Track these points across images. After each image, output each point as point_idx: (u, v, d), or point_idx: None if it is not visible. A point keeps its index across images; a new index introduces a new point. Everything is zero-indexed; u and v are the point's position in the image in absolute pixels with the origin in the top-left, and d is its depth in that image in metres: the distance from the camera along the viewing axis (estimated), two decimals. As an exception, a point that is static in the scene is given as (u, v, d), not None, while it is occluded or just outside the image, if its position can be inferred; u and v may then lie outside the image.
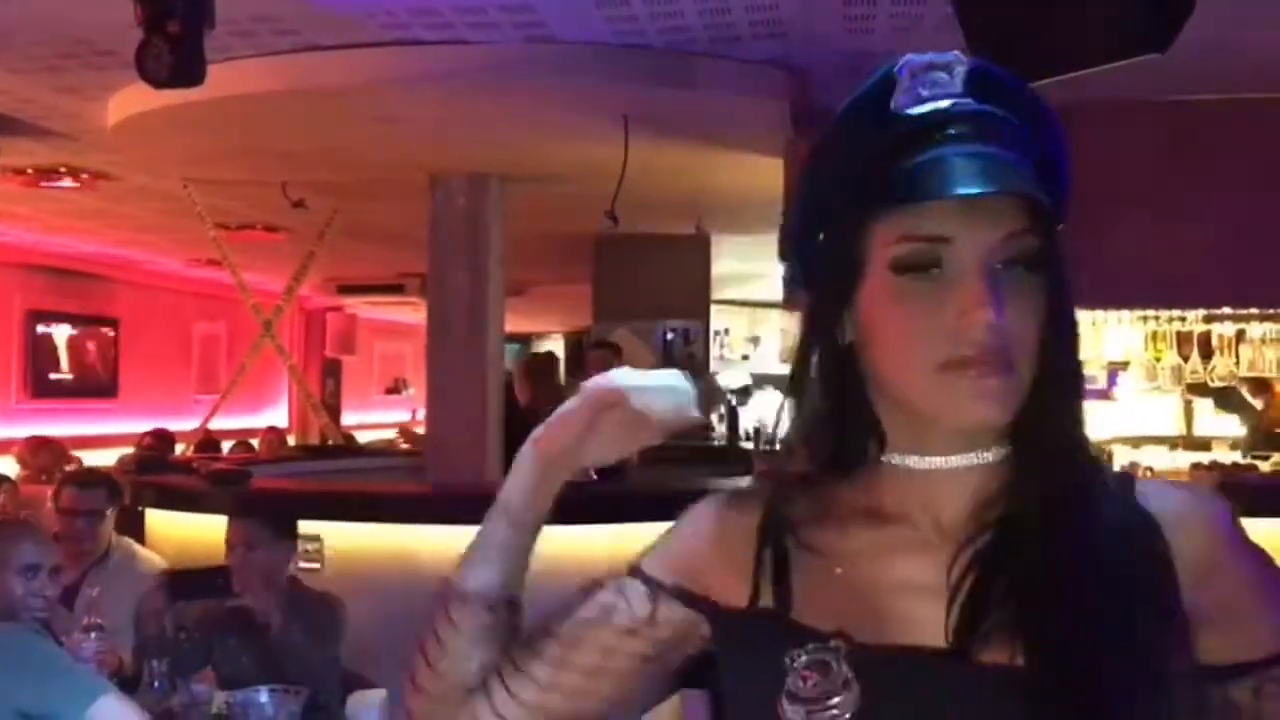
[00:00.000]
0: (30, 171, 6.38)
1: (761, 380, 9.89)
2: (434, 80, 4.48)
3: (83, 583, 3.80)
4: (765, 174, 5.53)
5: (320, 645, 3.51)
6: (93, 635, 3.30)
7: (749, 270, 9.27)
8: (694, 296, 8.23)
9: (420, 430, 8.77)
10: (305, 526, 4.26)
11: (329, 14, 4.08)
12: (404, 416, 14.76)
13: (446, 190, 5.99)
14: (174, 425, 8.56)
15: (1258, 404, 6.37)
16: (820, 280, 0.96)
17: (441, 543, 4.46)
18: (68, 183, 6.50)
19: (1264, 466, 4.63)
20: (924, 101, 0.91)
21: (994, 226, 0.88)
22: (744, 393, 9.66)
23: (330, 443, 8.41)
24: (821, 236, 0.95)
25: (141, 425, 8.79)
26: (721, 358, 9.77)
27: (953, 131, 0.90)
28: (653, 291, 8.02)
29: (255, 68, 4.55)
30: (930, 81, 0.92)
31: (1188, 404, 7.12)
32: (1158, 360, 5.74)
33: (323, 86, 4.58)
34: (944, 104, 0.90)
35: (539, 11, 4.09)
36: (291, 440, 11.15)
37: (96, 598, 3.44)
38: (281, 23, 4.14)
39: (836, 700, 0.88)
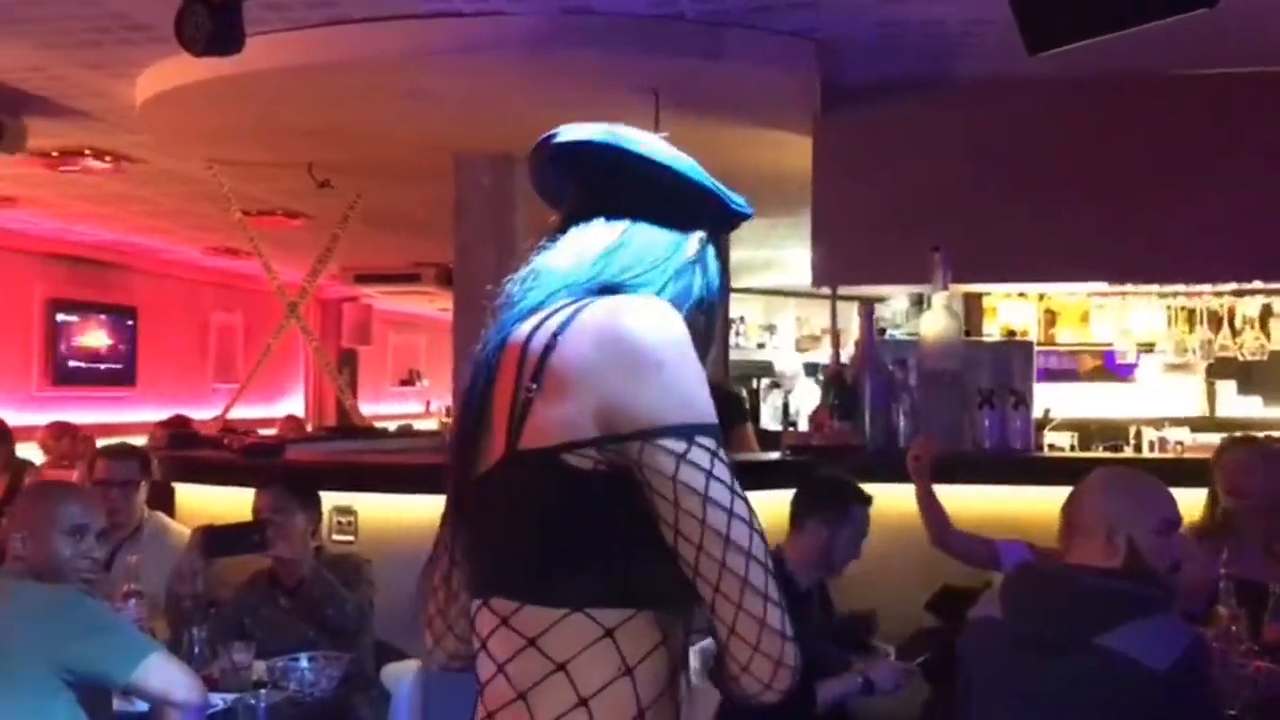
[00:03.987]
0: (55, 154, 6.34)
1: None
2: (465, 52, 4.41)
3: (117, 555, 3.79)
4: (792, 154, 5.44)
5: (352, 590, 3.57)
6: (132, 602, 3.31)
7: (765, 257, 9.21)
8: (714, 282, 8.16)
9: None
10: (340, 499, 4.24)
11: (365, -15, 4.06)
12: (418, 408, 14.74)
13: (471, 171, 5.95)
14: (191, 414, 8.50)
15: None
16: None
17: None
18: (93, 164, 6.45)
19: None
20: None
21: None
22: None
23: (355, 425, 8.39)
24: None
25: (159, 413, 8.73)
26: (737, 346, 9.71)
27: None
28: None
29: (285, 41, 4.49)
30: None
31: (1210, 385, 7.07)
32: (1189, 334, 5.65)
33: (352, 60, 4.53)
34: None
35: (577, -19, 4.05)
36: (310, 429, 11.13)
37: (135, 564, 3.45)
38: (316, -6, 4.10)
39: None
